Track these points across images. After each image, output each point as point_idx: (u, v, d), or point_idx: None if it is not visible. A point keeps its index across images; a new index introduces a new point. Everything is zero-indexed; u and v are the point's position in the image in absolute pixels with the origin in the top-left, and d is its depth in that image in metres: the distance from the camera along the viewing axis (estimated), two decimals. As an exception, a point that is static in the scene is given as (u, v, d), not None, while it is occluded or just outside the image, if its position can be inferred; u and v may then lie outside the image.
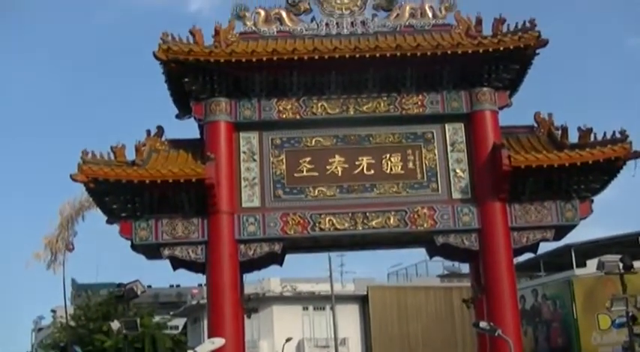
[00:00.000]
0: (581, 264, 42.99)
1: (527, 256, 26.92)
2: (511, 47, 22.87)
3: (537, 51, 23.25)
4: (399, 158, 23.36)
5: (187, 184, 22.17)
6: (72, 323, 50.54)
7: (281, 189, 23.10)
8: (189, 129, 24.86)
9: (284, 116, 23.38)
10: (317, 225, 22.75)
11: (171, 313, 63.00)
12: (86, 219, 43.72)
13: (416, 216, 22.80)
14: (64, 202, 43.69)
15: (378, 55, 22.68)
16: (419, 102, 23.49)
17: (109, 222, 23.14)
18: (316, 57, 22.63)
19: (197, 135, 24.28)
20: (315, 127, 23.55)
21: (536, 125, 24.21)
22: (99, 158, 22.59)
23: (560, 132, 23.34)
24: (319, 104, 23.46)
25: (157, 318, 52.83)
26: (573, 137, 23.14)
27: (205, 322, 24.29)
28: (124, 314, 23.29)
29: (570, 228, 23.45)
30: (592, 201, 23.18)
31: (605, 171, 22.92)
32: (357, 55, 22.65)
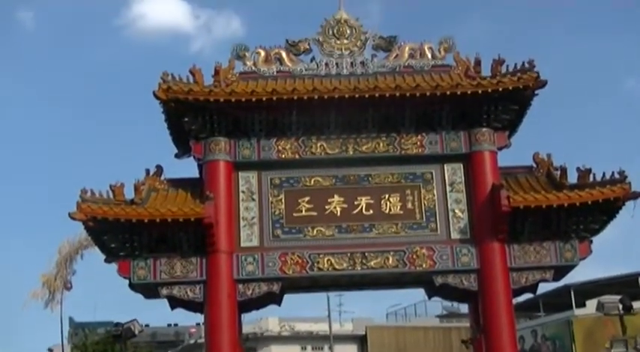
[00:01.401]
0: (581, 304, 42.91)
1: (527, 296, 26.86)
2: (510, 88, 22.85)
3: (536, 92, 23.26)
4: (398, 198, 23.25)
5: (186, 223, 22.05)
6: (69, 363, 50.22)
7: (280, 228, 22.97)
8: (188, 169, 24.83)
9: (283, 156, 23.34)
10: (315, 264, 22.64)
11: (169, 352, 62.68)
12: (84, 257, 43.64)
13: (415, 256, 22.72)
14: (62, 241, 43.62)
15: (377, 95, 22.71)
16: (418, 143, 23.48)
17: (107, 260, 23.00)
18: (316, 97, 22.65)
19: (196, 175, 24.16)
20: (314, 167, 23.50)
21: (535, 165, 24.16)
22: (98, 197, 22.51)
23: (559, 172, 23.25)
24: (318, 144, 23.44)
25: (154, 357, 52.53)
26: (572, 177, 23.07)
27: (203, 362, 23.91)
28: (122, 354, 22.68)
29: (569, 268, 23.31)
30: (591, 241, 22.96)
31: (604, 212, 22.79)
32: (357, 95, 22.67)
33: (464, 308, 37.11)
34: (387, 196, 23.28)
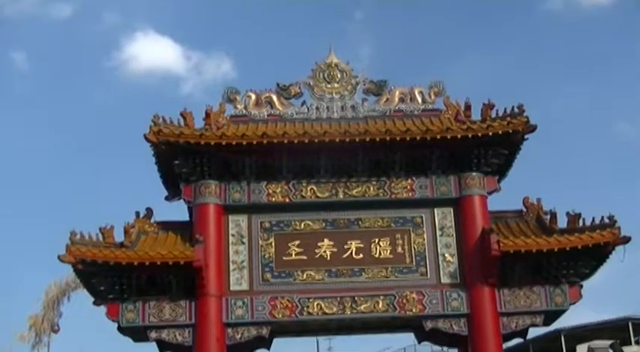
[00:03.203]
0: (571, 350, 42.61)
1: (517, 341, 26.55)
2: (500, 132, 22.88)
3: (526, 136, 23.24)
4: (388, 242, 23.18)
5: (176, 267, 21.90)
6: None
7: (269, 272, 22.88)
8: (178, 212, 24.80)
9: (273, 199, 23.26)
10: (305, 309, 22.49)
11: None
12: (72, 299, 43.19)
13: (404, 300, 22.58)
14: (50, 282, 43.19)
15: (367, 139, 22.65)
16: (408, 187, 23.47)
17: (95, 303, 22.83)
18: (306, 141, 22.62)
19: (186, 218, 24.15)
20: (304, 211, 23.40)
21: (525, 210, 24.14)
22: (87, 239, 22.40)
23: (549, 217, 23.30)
24: (309, 188, 23.39)
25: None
26: (562, 222, 23.06)
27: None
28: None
29: (560, 313, 23.19)
30: (581, 286, 22.91)
31: (594, 257, 22.73)
32: (347, 139, 22.62)
33: (454, 352, 36.72)
34: (377, 240, 23.18)
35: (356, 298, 22.53)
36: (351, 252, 23.12)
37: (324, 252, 23.12)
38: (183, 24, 68.51)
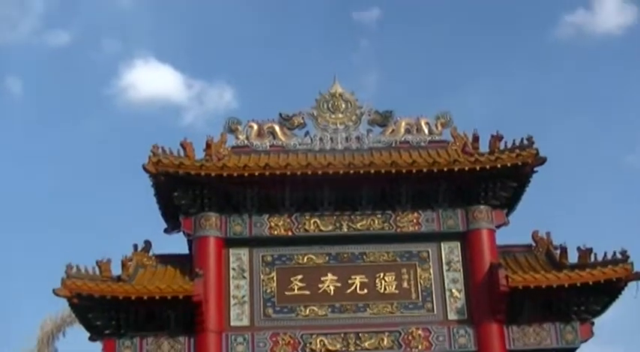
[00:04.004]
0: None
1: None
2: (508, 165, 22.61)
3: (535, 169, 22.97)
4: (394, 277, 22.77)
5: (174, 301, 21.48)
6: None
7: (271, 307, 22.46)
8: (177, 245, 24.50)
9: (275, 232, 22.92)
10: (308, 345, 22.00)
11: None
12: (67, 335, 42.52)
13: (410, 337, 22.12)
14: (44, 316, 42.52)
15: (372, 171, 22.37)
16: (414, 220, 23.13)
17: (91, 339, 22.37)
18: (309, 172, 22.33)
19: (185, 251, 23.83)
20: (307, 244, 23.03)
21: (534, 244, 23.82)
22: (83, 273, 21.98)
23: (559, 251, 22.94)
24: (312, 221, 23.06)
25: None
26: (573, 257, 22.69)
27: None
28: None
29: (571, 351, 22.61)
30: (593, 323, 22.50)
31: (606, 292, 22.26)
32: (352, 171, 22.36)
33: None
34: (382, 275, 22.80)
35: (360, 334, 22.10)
36: (356, 287, 22.71)
37: (328, 286, 22.72)
38: (184, 52, 67.88)
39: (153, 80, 65.88)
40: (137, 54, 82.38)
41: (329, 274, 22.79)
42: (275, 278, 22.72)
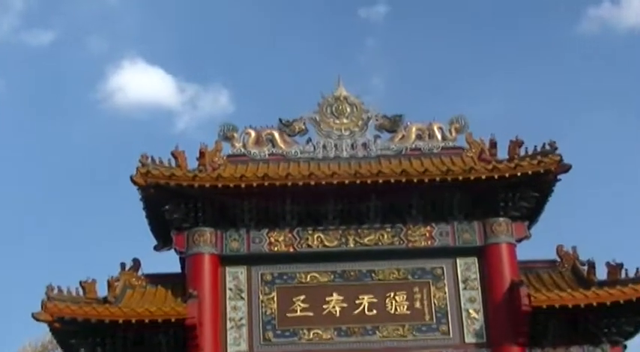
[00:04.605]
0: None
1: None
2: (529, 173, 21.71)
3: (559, 176, 22.10)
4: (405, 297, 22.01)
5: (166, 325, 20.75)
6: None
7: (271, 331, 21.70)
8: (169, 263, 23.96)
9: (276, 249, 22.16)
10: (312, 372, 21.49)
11: None
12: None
13: (424, 362, 21.45)
14: (24, 343, 41.51)
15: (381, 181, 21.54)
16: (427, 234, 22.29)
17: (75, 367, 21.72)
18: (312, 183, 21.58)
19: (178, 269, 23.16)
20: (310, 261, 22.26)
21: (558, 259, 23.12)
22: (66, 294, 21.34)
23: (586, 267, 22.29)
24: (315, 236, 22.21)
25: None
26: (601, 273, 21.98)
27: None
28: None
29: (600, 377, 21.93)
30: (625, 346, 21.79)
31: (638, 312, 21.35)
32: (358, 181, 21.55)
33: None
34: (392, 294, 22.02)
35: (369, 359, 21.52)
36: (364, 308, 21.96)
37: (333, 307, 21.95)
38: (176, 52, 65.42)
39: (142, 83, 63.72)
40: (125, 55, 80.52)
41: (334, 294, 22.04)
42: (275, 298, 22.00)
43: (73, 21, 66.19)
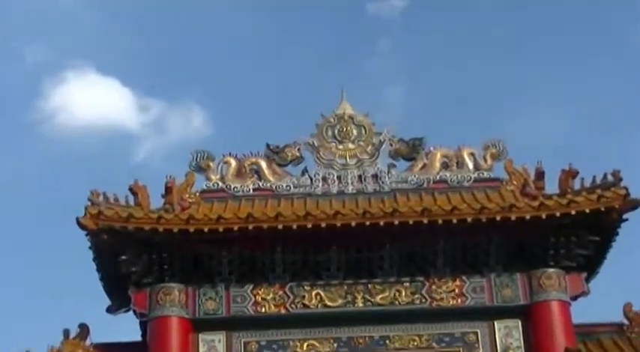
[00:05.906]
0: None
1: None
2: (587, 211, 18.98)
3: (625, 215, 19.33)
4: None
5: None
6: None
7: None
8: (125, 329, 21.84)
9: (263, 310, 19.41)
10: None
11: None
12: None
13: None
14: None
15: (396, 222, 18.85)
16: (456, 290, 19.56)
17: None
18: (309, 226, 18.87)
19: (137, 337, 20.48)
20: (307, 326, 19.46)
21: (626, 322, 20.09)
22: None
23: None
24: (314, 293, 19.52)
25: None
26: None
27: None
28: None
29: None
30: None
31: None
32: (368, 223, 18.87)
33: None
34: None
35: None
36: None
37: None
38: (136, 60, 58.89)
39: (92, 100, 57.33)
40: (70, 64, 72.78)
41: (339, 368, 20.15)
42: (264, 374, 20.13)
43: (3, 26, 61.17)
